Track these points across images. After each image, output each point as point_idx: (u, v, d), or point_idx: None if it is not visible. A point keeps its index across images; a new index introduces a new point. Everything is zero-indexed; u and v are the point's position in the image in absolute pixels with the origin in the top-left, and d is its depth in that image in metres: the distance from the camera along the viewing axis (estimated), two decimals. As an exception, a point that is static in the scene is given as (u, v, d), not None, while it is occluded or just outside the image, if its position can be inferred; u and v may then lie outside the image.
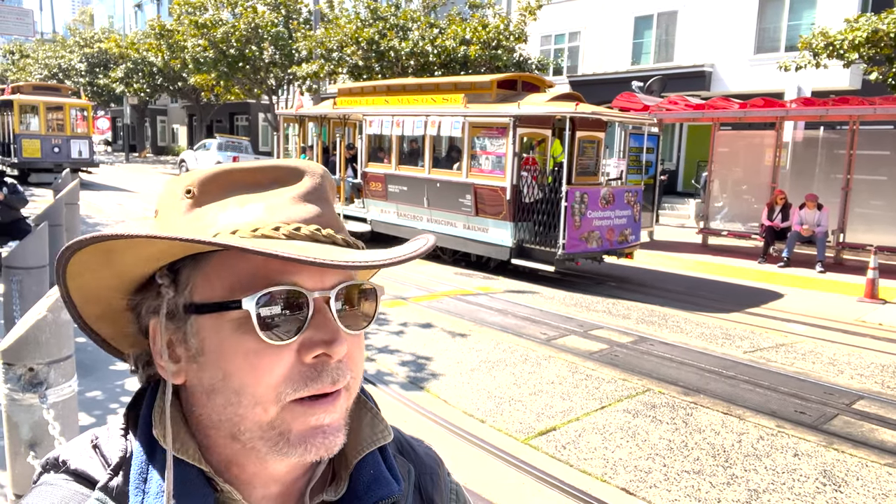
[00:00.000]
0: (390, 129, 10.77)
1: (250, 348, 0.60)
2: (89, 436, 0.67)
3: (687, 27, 20.00)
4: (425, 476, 0.78)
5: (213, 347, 0.62)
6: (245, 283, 0.61)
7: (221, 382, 0.61)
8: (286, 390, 0.60)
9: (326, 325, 0.61)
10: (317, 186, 0.66)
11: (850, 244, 11.11)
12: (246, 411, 0.61)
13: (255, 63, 24.52)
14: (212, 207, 0.64)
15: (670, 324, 7.37)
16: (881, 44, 10.79)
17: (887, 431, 4.58)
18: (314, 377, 0.61)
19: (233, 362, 0.61)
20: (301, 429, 0.61)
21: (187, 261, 0.63)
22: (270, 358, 0.60)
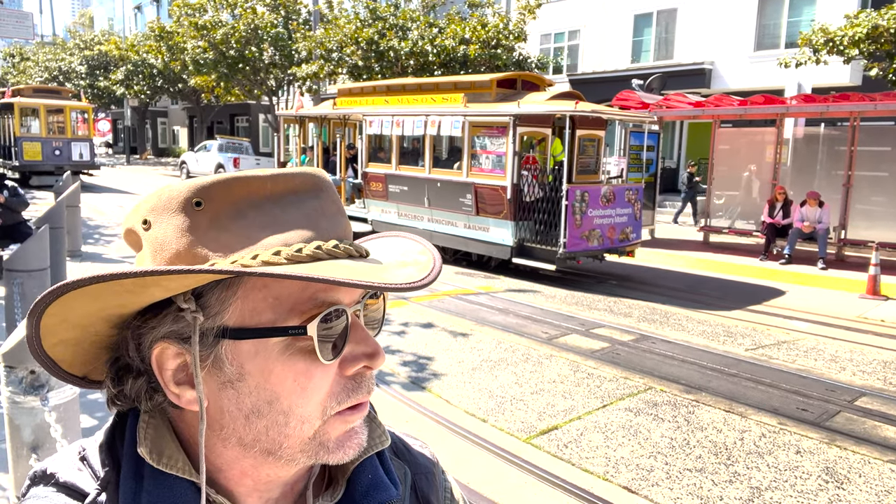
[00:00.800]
0: (390, 129, 10.77)
1: (300, 370, 0.59)
2: (76, 447, 0.66)
3: (686, 25, 19.99)
4: (421, 476, 0.78)
5: (256, 372, 0.59)
6: (290, 306, 0.59)
7: (267, 406, 0.60)
8: (331, 405, 0.61)
9: (366, 340, 0.63)
10: (335, 197, 0.65)
11: (851, 241, 11.09)
12: (292, 431, 0.61)
13: (255, 64, 24.53)
14: (231, 223, 0.58)
15: (672, 322, 7.37)
16: (881, 39, 10.79)
17: (890, 428, 4.57)
18: (355, 389, 0.63)
19: (282, 385, 0.59)
20: (339, 435, 0.63)
21: (213, 284, 0.58)
22: (319, 377, 0.60)
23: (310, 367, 0.59)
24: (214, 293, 0.58)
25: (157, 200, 0.60)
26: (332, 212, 0.64)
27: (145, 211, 0.61)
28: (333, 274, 0.54)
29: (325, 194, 0.64)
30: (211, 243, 0.58)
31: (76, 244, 9.23)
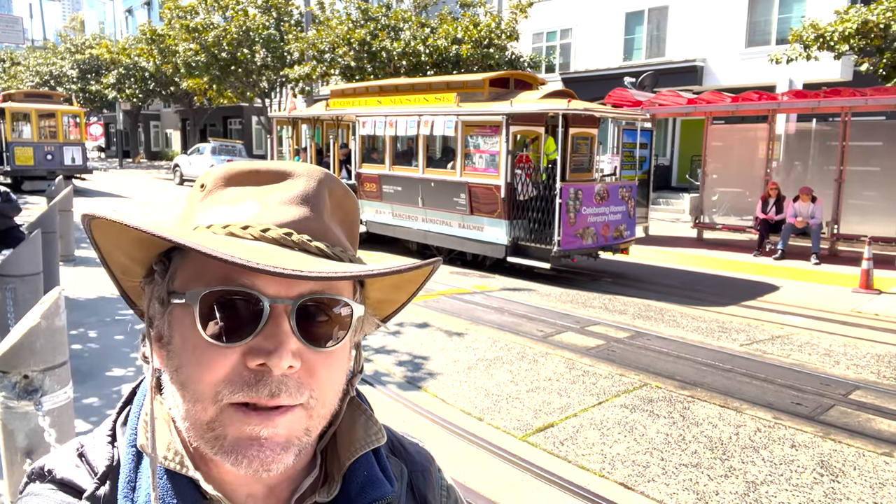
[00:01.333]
0: (383, 130, 10.77)
1: (198, 343, 0.60)
2: (75, 444, 0.66)
3: (678, 22, 20.04)
4: (417, 475, 0.78)
5: (176, 337, 0.62)
6: (205, 278, 0.60)
7: (175, 372, 0.62)
8: (224, 391, 0.59)
9: (274, 336, 0.59)
10: (307, 190, 0.65)
11: (844, 235, 11.15)
12: (188, 406, 0.60)
13: (248, 66, 24.47)
14: (211, 201, 0.65)
15: (667, 318, 7.39)
16: (871, 35, 10.84)
17: (884, 421, 4.60)
18: (252, 384, 0.59)
19: (184, 354, 0.61)
20: (236, 435, 0.59)
21: (177, 250, 0.64)
22: (215, 357, 0.59)
23: (200, 340, 0.59)
24: (174, 259, 0.64)
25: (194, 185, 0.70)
26: (300, 202, 0.64)
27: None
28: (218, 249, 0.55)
29: (300, 186, 0.65)
30: (196, 216, 0.65)
31: (69, 249, 9.20)
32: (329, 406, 0.65)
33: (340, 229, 0.68)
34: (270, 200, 0.64)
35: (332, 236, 0.66)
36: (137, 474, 0.62)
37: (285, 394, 0.59)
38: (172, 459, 0.62)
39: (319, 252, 0.63)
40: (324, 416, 0.65)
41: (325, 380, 0.63)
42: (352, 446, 0.70)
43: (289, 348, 0.59)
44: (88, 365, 5.13)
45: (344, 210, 0.70)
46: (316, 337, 0.61)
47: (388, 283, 0.71)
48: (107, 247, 0.65)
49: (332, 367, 0.64)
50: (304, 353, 0.60)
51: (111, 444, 0.65)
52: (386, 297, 0.74)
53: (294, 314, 0.60)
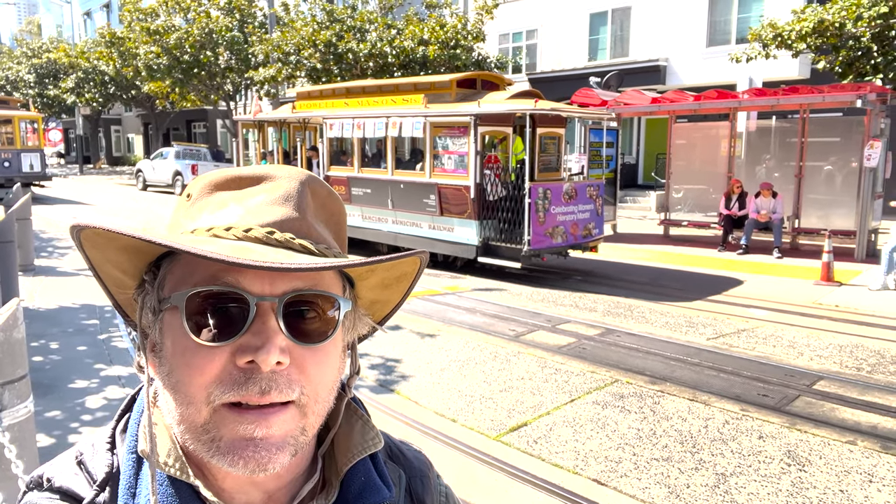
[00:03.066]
0: (351, 132, 10.71)
1: (188, 346, 0.60)
2: (74, 452, 0.66)
3: (640, 22, 20.33)
4: (416, 480, 0.78)
5: (167, 342, 0.62)
6: (191, 280, 0.61)
7: (167, 378, 0.62)
8: (215, 391, 0.59)
9: (262, 333, 0.59)
10: (289, 191, 0.66)
11: (804, 229, 11.43)
12: (182, 410, 0.61)
13: (211, 69, 24.11)
14: (197, 209, 0.66)
15: (636, 314, 7.48)
16: (827, 33, 11.13)
17: (847, 410, 4.72)
18: (241, 383, 0.59)
19: (174, 358, 0.61)
20: (231, 437, 0.59)
21: (166, 258, 0.64)
22: (204, 358, 0.59)
23: (189, 342, 0.60)
24: (164, 265, 0.64)
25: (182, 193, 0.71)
26: (283, 203, 0.65)
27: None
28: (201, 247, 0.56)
29: (283, 188, 0.66)
30: (181, 223, 0.67)
31: (28, 258, 8.94)
32: (323, 403, 0.65)
33: (326, 229, 0.69)
34: (253, 202, 0.65)
35: (316, 234, 0.67)
36: (137, 481, 0.62)
37: (275, 391, 0.59)
38: (172, 466, 0.62)
39: (303, 249, 0.63)
40: (319, 413, 0.65)
41: (315, 376, 0.63)
42: (349, 452, 0.71)
43: (276, 344, 0.59)
44: (50, 377, 4.98)
45: (328, 210, 0.70)
46: (304, 333, 0.62)
47: (376, 281, 0.71)
48: (97, 259, 0.64)
49: (323, 364, 0.64)
50: (293, 349, 0.61)
51: (111, 451, 0.65)
52: (377, 296, 0.74)
53: (281, 311, 0.60)
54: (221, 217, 0.64)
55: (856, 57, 11.50)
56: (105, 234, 0.59)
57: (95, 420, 4.32)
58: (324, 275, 0.64)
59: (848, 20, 10.73)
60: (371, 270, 0.68)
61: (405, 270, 0.71)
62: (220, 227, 0.63)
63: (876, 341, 6.43)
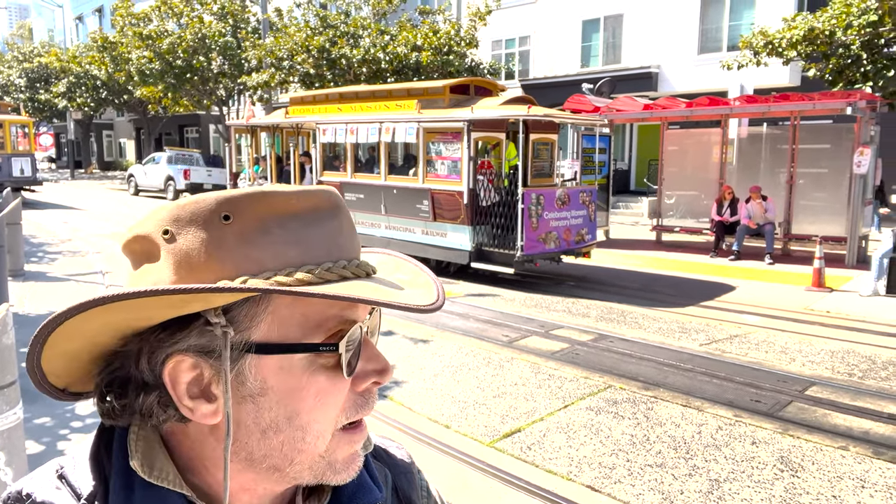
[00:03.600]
0: (344, 137, 10.70)
1: (322, 387, 0.61)
2: (53, 465, 0.63)
3: (633, 30, 20.46)
4: (401, 477, 0.80)
5: (279, 387, 0.59)
6: (317, 323, 0.60)
7: (286, 422, 0.60)
8: (341, 419, 0.63)
9: (376, 357, 0.64)
10: (349, 216, 0.66)
11: (796, 235, 11.50)
12: (308, 446, 0.61)
13: (204, 74, 24.06)
14: (258, 238, 0.57)
15: (629, 320, 7.49)
16: (817, 41, 11.23)
17: (839, 415, 4.73)
18: (363, 405, 0.64)
19: (304, 401, 0.60)
20: (346, 456, 0.64)
21: (243, 299, 0.58)
22: (338, 393, 0.62)
23: (332, 383, 0.61)
24: (243, 308, 0.58)
25: (181, 211, 0.58)
26: (348, 231, 0.65)
27: (167, 221, 0.58)
28: (363, 293, 0.57)
29: (342, 213, 0.65)
30: (240, 258, 0.57)
31: (18, 263, 8.87)
32: None
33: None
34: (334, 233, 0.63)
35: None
36: (129, 494, 0.60)
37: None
38: (165, 478, 0.61)
39: (369, 275, 0.64)
40: None
41: None
42: None
43: (389, 363, 0.65)
44: (40, 383, 4.93)
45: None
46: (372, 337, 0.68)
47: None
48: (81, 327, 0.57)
49: None
50: None
51: (96, 465, 0.62)
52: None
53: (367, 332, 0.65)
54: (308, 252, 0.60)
55: (846, 65, 11.61)
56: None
57: (85, 427, 4.28)
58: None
59: (838, 28, 10.84)
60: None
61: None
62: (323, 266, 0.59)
63: (867, 347, 6.46)
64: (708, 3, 18.81)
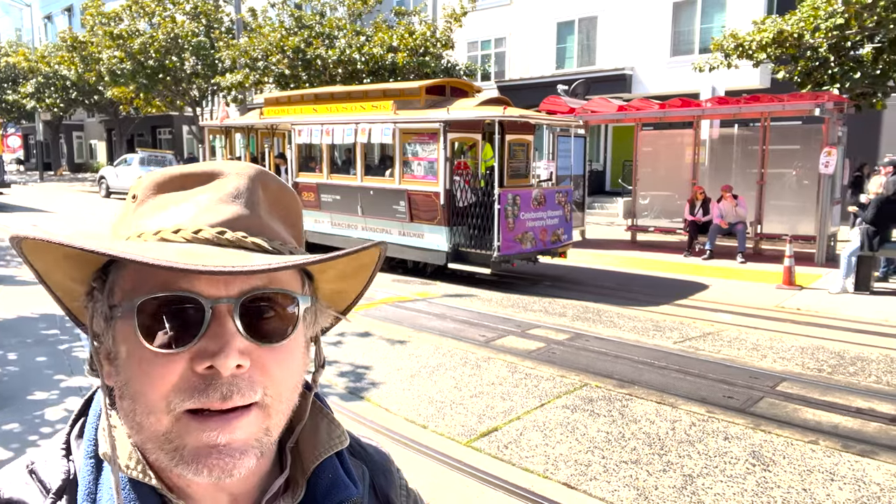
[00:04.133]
0: (320, 138, 10.64)
1: (144, 355, 0.58)
2: (24, 461, 0.64)
3: (607, 32, 20.66)
4: (379, 475, 0.79)
5: (121, 351, 0.60)
6: (144, 287, 0.58)
7: (125, 387, 0.60)
8: (175, 399, 0.57)
9: (219, 336, 0.57)
10: (239, 188, 0.64)
11: (767, 235, 11.71)
12: (142, 419, 0.59)
13: (177, 74, 23.75)
14: (143, 211, 0.64)
15: (604, 319, 7.56)
16: (786, 44, 11.44)
17: (809, 410, 4.83)
18: (201, 389, 0.57)
19: (130, 367, 0.59)
20: (195, 445, 0.58)
21: (113, 264, 0.62)
22: (162, 366, 0.57)
23: (145, 351, 0.58)
24: (111, 273, 0.62)
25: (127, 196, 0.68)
26: (233, 201, 0.63)
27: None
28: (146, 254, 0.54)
29: (233, 185, 0.64)
30: (128, 225, 0.64)
31: (-15, 267, 8.66)
32: (287, 402, 0.64)
33: (281, 224, 0.67)
34: (202, 201, 0.63)
35: (270, 231, 0.65)
36: (98, 486, 0.60)
37: (237, 395, 0.58)
38: (135, 469, 0.61)
39: (256, 248, 0.62)
40: (283, 412, 0.63)
41: (278, 376, 0.61)
42: (315, 450, 0.70)
43: (234, 347, 0.57)
44: (9, 389, 4.83)
45: (283, 205, 0.69)
46: (264, 333, 0.60)
47: (335, 273, 0.70)
48: (44, 268, 0.62)
49: (285, 363, 0.62)
50: (252, 351, 0.59)
51: (66, 457, 0.63)
52: (338, 287, 0.73)
53: (237, 312, 0.58)
54: (169, 218, 0.62)
55: (814, 67, 11.84)
56: (46, 245, 0.57)
57: (56, 432, 4.19)
58: (280, 272, 0.62)
59: (806, 31, 11.05)
60: (330, 265, 0.67)
61: (363, 262, 0.69)
62: (168, 229, 0.61)
63: (836, 343, 6.60)
64: (680, 6, 19.08)
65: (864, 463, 3.97)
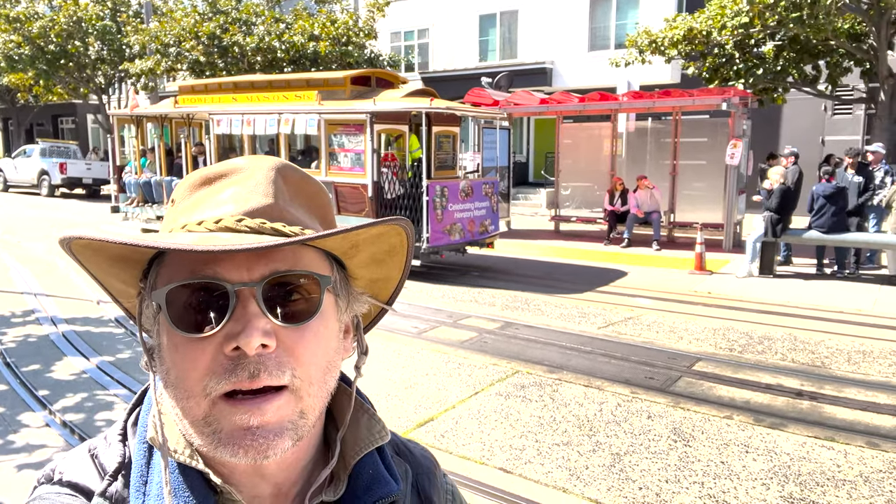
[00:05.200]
0: (241, 128, 10.33)
1: (178, 341, 0.61)
2: (87, 445, 0.68)
3: (528, 26, 21.04)
4: (422, 476, 0.79)
5: (162, 340, 0.63)
6: (174, 278, 0.62)
7: (167, 375, 0.63)
8: (210, 383, 0.60)
9: (242, 318, 0.60)
10: (259, 179, 0.66)
11: (679, 223, 12.33)
12: (184, 405, 0.61)
13: (80, 60, 22.40)
14: (178, 210, 0.68)
15: (532, 307, 7.76)
16: (696, 41, 12.03)
17: (723, 388, 5.15)
18: (231, 370, 0.60)
19: (170, 355, 0.62)
20: (230, 428, 0.60)
21: (154, 263, 0.66)
22: (194, 351, 0.60)
23: (178, 338, 0.61)
24: (153, 270, 0.65)
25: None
26: (252, 191, 0.66)
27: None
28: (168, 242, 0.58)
29: (254, 176, 0.67)
30: (166, 226, 0.68)
31: None
32: (318, 385, 0.65)
33: (307, 213, 0.69)
34: (225, 195, 0.66)
35: (291, 217, 0.66)
36: (149, 469, 0.64)
37: (265, 373, 0.60)
38: (182, 453, 0.63)
39: (275, 232, 0.63)
40: (316, 395, 0.65)
41: (305, 357, 0.63)
42: (356, 445, 0.71)
43: (256, 327, 0.59)
44: None
45: (306, 194, 0.70)
46: (288, 314, 0.62)
47: (366, 257, 0.72)
48: (97, 271, 0.67)
49: (312, 344, 0.64)
50: (279, 332, 0.61)
51: (122, 442, 0.67)
52: (374, 274, 0.75)
53: (261, 295, 0.61)
54: (197, 213, 0.65)
55: (721, 63, 12.51)
56: (90, 245, 0.61)
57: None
58: (304, 255, 0.64)
59: (714, 29, 11.66)
60: (354, 246, 0.68)
61: (393, 243, 0.71)
62: (193, 222, 0.64)
63: (744, 324, 7.05)
64: (596, 2, 19.66)
65: (774, 435, 4.29)
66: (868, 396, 4.95)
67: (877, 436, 4.28)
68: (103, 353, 5.81)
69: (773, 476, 3.74)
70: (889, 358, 5.86)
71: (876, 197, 9.51)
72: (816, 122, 16.82)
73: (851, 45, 10.95)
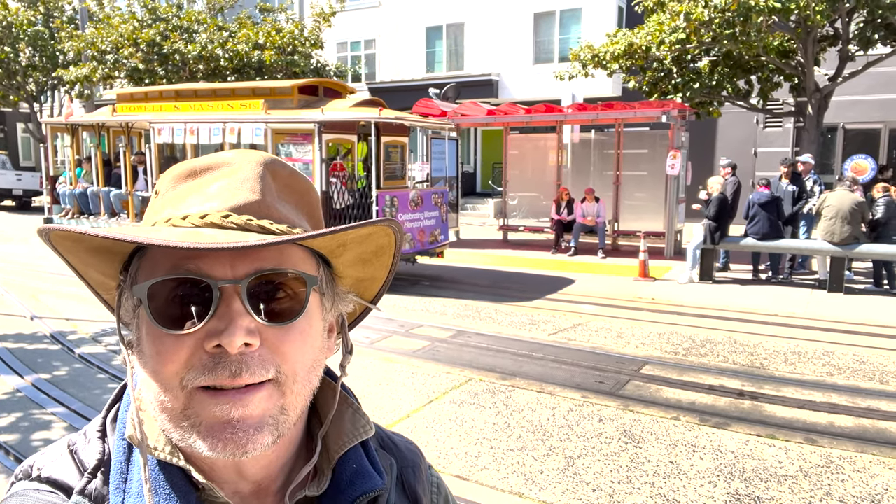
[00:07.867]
0: (184, 138, 10.07)
1: (157, 335, 0.60)
2: (65, 441, 0.67)
3: (474, 38, 21.30)
4: (407, 469, 0.79)
5: (141, 333, 0.63)
6: (155, 272, 0.60)
7: (143, 366, 0.62)
8: (187, 376, 0.59)
9: (225, 315, 0.59)
10: (247, 175, 0.65)
11: (623, 232, 12.66)
12: (161, 398, 0.60)
13: (10, 66, 21.43)
14: (162, 202, 0.66)
15: (483, 316, 7.82)
16: (636, 55, 12.41)
17: (669, 390, 5.30)
18: (211, 367, 0.59)
19: (147, 347, 0.61)
20: (210, 421, 0.59)
21: (136, 256, 0.65)
22: (173, 346, 0.59)
23: (158, 332, 0.60)
24: (134, 262, 0.64)
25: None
26: (239, 187, 0.65)
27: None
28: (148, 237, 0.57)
29: (241, 171, 0.66)
30: (150, 217, 0.67)
31: None
32: (303, 382, 0.64)
33: (295, 209, 0.68)
34: (213, 189, 0.64)
35: (278, 214, 0.65)
36: (129, 466, 0.63)
37: (247, 372, 0.59)
38: (162, 450, 0.62)
39: (261, 230, 0.62)
40: (299, 392, 0.64)
41: (290, 355, 0.62)
42: (340, 439, 0.70)
43: (239, 326, 0.58)
44: None
45: (295, 190, 0.69)
46: (273, 313, 0.61)
47: (352, 257, 0.71)
48: (77, 262, 0.66)
49: (298, 342, 0.63)
50: (264, 330, 0.60)
51: (102, 439, 0.66)
52: (360, 273, 0.74)
53: (245, 293, 0.60)
54: (182, 207, 0.64)
55: (659, 77, 12.95)
56: (70, 236, 0.60)
57: None
58: (290, 253, 0.63)
59: (653, 44, 12.05)
60: (342, 246, 0.67)
61: (381, 244, 0.70)
62: (178, 216, 0.63)
63: (687, 328, 7.29)
64: (540, 16, 20.09)
65: (719, 434, 4.44)
66: (804, 395, 5.18)
67: (814, 432, 4.49)
68: (39, 371, 5.55)
69: (719, 474, 3.87)
70: (822, 358, 6.16)
71: (807, 205, 10.00)
72: (749, 134, 17.59)
73: (781, 62, 11.52)
